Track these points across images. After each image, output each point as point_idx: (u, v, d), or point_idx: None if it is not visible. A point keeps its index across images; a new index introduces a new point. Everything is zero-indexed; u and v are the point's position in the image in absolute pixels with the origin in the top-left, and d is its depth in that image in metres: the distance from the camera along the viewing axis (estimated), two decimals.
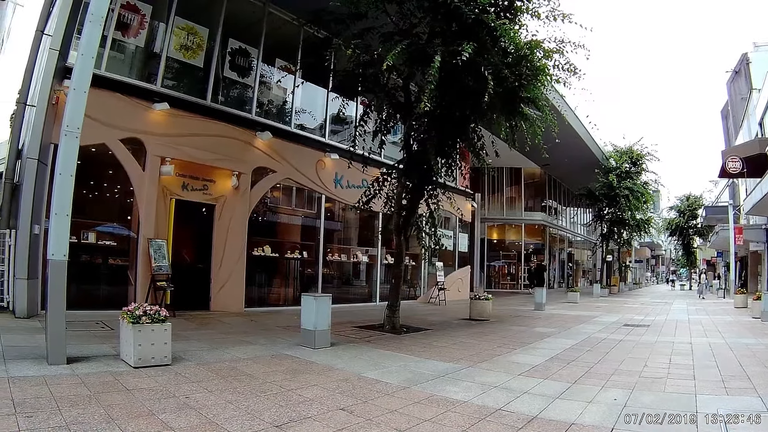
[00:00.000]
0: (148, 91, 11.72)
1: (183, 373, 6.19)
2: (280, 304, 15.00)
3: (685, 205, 50.04)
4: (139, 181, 11.43)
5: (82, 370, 5.95)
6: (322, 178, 15.70)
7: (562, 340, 10.72)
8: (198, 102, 12.68)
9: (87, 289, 11.17)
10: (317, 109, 16.58)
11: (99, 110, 10.04)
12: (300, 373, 6.63)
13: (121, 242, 11.81)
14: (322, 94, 16.33)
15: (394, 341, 9.82)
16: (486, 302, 14.69)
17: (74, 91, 6.64)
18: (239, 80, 14.14)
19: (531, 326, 13.37)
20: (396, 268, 11.86)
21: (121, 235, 11.88)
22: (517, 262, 36.26)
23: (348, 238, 18.73)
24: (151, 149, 11.57)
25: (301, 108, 16.11)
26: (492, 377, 6.87)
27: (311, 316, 8.49)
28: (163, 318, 6.55)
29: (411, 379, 6.59)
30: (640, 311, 19.70)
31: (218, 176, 13.04)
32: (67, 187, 6.41)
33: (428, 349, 9.02)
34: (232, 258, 13.01)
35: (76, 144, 6.53)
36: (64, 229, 6.35)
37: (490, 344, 9.90)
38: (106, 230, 11.58)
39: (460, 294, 22.10)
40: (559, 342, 10.47)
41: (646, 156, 33.68)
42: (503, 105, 10.45)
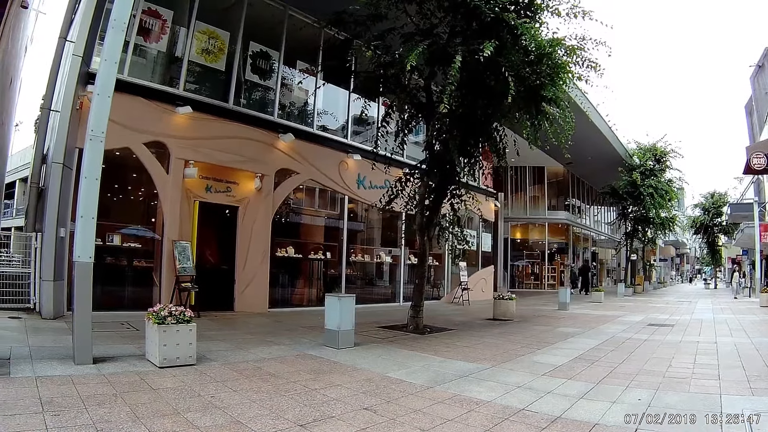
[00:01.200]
0: (170, 95, 11.85)
1: (208, 373, 6.25)
2: (303, 304, 15.06)
3: (710, 202, 48.91)
4: (163, 184, 11.55)
5: (108, 370, 6.03)
6: (345, 179, 15.72)
7: (585, 340, 10.59)
8: (220, 105, 12.79)
9: (112, 290, 11.36)
10: (339, 110, 16.64)
11: (123, 114, 10.19)
12: (324, 373, 6.65)
13: (146, 244, 11.98)
14: (344, 95, 16.35)
15: (418, 341, 9.79)
16: (509, 302, 14.56)
17: (98, 96, 6.71)
18: (261, 83, 14.24)
19: (554, 326, 13.21)
20: (419, 268, 11.82)
21: (146, 237, 12.04)
22: (540, 261, 35.77)
23: (371, 238, 18.73)
24: (174, 152, 11.69)
25: (323, 109, 16.20)
26: (515, 377, 6.82)
27: (335, 317, 8.52)
28: (188, 318, 6.61)
29: (434, 379, 6.57)
30: (664, 310, 19.43)
31: (241, 178, 13.12)
32: (92, 190, 6.50)
33: (452, 349, 8.98)
34: (256, 259, 13.09)
35: (100, 148, 6.61)
36: (89, 231, 6.44)
37: (513, 344, 9.82)
38: (131, 232, 11.74)
39: (484, 294, 21.92)
40: (582, 342, 10.35)
41: (669, 153, 33.11)
42: (525, 104, 10.36)
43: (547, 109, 10.73)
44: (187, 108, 11.67)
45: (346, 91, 16.12)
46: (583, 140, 13.17)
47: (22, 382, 5.23)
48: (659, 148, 33.18)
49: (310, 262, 15.70)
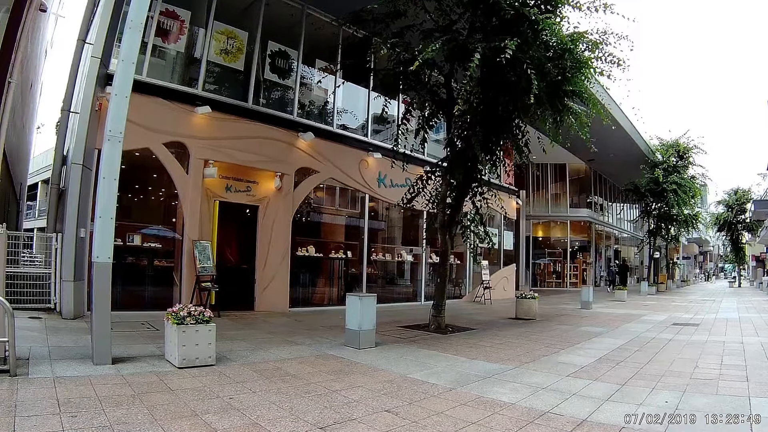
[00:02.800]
0: (189, 95, 11.83)
1: (227, 374, 6.18)
2: (324, 304, 14.99)
3: (733, 199, 47.81)
4: (182, 184, 11.55)
5: (126, 371, 6.00)
6: (366, 178, 15.62)
7: (610, 340, 10.36)
8: (239, 104, 12.75)
9: (132, 290, 11.40)
10: (359, 108, 16.52)
11: (142, 115, 10.23)
12: (344, 374, 6.56)
13: (166, 244, 12.00)
14: (364, 93, 16.27)
15: (440, 341, 9.66)
16: (532, 301, 14.30)
17: (116, 96, 6.69)
18: (280, 82, 14.17)
19: (578, 325, 12.96)
20: (441, 267, 11.66)
21: (166, 237, 12.07)
22: (562, 259, 35.31)
23: (392, 237, 18.58)
24: (194, 152, 11.68)
25: (343, 108, 16.10)
26: (539, 378, 6.67)
27: (356, 316, 8.42)
28: (207, 319, 6.56)
29: (457, 380, 6.44)
30: (688, 309, 19.06)
31: (261, 177, 13.08)
32: (110, 190, 6.47)
33: (474, 349, 8.83)
34: (276, 258, 13.04)
35: (118, 148, 6.59)
36: (108, 231, 6.41)
37: (537, 344, 9.65)
38: (151, 233, 11.77)
39: (506, 293, 21.66)
40: (607, 342, 10.12)
41: (692, 149, 32.16)
42: (547, 100, 10.14)
43: (569, 104, 10.57)
44: (206, 108, 11.63)
45: (366, 89, 16.11)
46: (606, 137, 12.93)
47: (41, 383, 5.21)
48: (682, 144, 32.38)
49: (331, 262, 15.59)
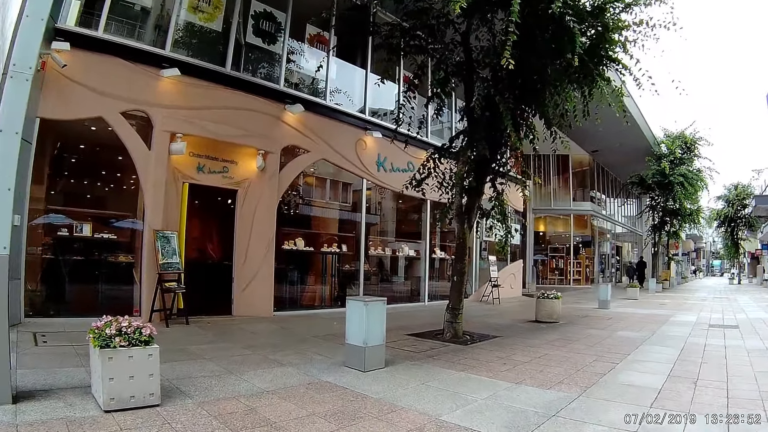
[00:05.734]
0: (155, 56, 9.77)
1: (175, 421, 4.14)
2: (315, 305, 13.02)
3: (733, 194, 46.70)
4: (144, 162, 9.50)
5: (28, 416, 4.03)
6: (363, 160, 13.59)
7: (660, 349, 8.78)
8: (216, 69, 10.69)
9: (82, 291, 9.47)
10: (356, 81, 14.43)
11: (96, 78, 8.79)
12: (350, 418, 4.52)
13: (123, 235, 9.94)
14: (362, 64, 14.35)
15: (464, 355, 7.72)
16: (555, 301, 12.66)
17: (27, 18, 4.83)
18: (264, 47, 12.07)
19: (610, 329, 11.41)
20: (458, 262, 9.63)
21: (123, 227, 10.04)
22: (565, 255, 33.77)
23: (391, 230, 16.67)
24: (158, 123, 9.65)
25: (338, 80, 13.93)
26: (618, 412, 4.83)
27: (359, 328, 6.35)
28: (147, 338, 4.51)
29: (514, 424, 4.46)
30: (711, 308, 17.90)
31: (241, 156, 11.09)
32: (10, 149, 4.45)
33: (510, 367, 6.90)
34: (259, 253, 11.02)
35: (26, 89, 4.60)
36: (5, 210, 4.37)
37: (581, 356, 7.84)
38: (105, 221, 9.73)
39: (513, 291, 20.26)
40: (659, 351, 8.52)
41: (699, 141, 31.32)
42: (583, 66, 8.25)
43: (604, 73, 8.79)
44: (174, 70, 9.66)
45: (364, 58, 14.15)
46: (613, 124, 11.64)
47: None
48: (688, 135, 31.46)
49: (323, 257, 13.58)
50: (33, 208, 8.53)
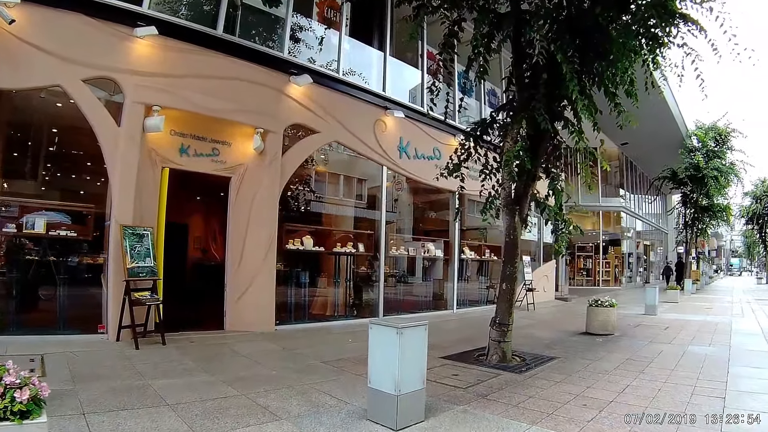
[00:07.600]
0: (128, 12, 7.97)
1: None
2: (327, 315, 11.19)
3: (761, 189, 44.60)
4: (111, 141, 7.69)
5: None
6: (383, 144, 11.64)
7: (757, 372, 7.20)
8: (205, 31, 8.89)
9: (33, 302, 7.83)
10: (373, 53, 12.50)
11: (53, 38, 7.27)
12: None
13: (86, 233, 8.09)
14: (380, 30, 12.50)
15: (524, 391, 5.84)
16: (609, 310, 10.93)
17: None
18: (264, 8, 10.11)
19: (676, 343, 9.80)
20: (508, 266, 7.60)
21: (85, 222, 8.21)
22: (593, 254, 32.03)
23: (414, 227, 14.82)
24: (130, 94, 7.85)
25: (353, 48, 12.07)
26: None
27: (389, 367, 4.33)
28: (33, 406, 2.60)
29: None
30: (765, 313, 16.34)
31: (235, 136, 9.26)
32: None
33: (595, 411, 5.05)
34: (257, 254, 9.19)
35: None
36: None
37: (672, 387, 6.17)
38: (63, 215, 7.85)
39: (546, 294, 18.84)
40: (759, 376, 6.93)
41: (731, 133, 29.71)
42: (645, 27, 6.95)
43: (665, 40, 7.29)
44: (151, 29, 7.89)
45: (382, 33, 12.42)
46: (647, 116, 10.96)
47: None
48: (721, 128, 29.87)
49: (336, 258, 11.72)
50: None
